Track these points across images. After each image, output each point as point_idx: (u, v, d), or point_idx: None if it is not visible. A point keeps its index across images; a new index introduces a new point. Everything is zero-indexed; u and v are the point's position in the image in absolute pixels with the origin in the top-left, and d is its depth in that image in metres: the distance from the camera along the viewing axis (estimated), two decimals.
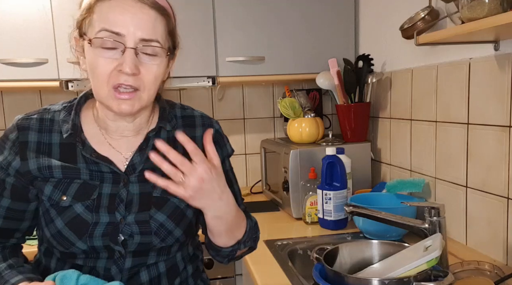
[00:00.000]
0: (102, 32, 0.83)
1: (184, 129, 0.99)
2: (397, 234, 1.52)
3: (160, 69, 0.88)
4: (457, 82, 1.45)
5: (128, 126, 0.95)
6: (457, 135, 1.46)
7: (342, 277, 0.98)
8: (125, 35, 0.83)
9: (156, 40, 0.86)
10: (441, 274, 0.96)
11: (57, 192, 0.90)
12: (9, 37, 1.75)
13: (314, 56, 2.05)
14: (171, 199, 0.94)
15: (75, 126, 0.93)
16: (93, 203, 0.90)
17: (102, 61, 0.84)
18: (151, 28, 0.85)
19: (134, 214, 0.91)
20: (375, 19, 1.98)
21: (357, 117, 1.94)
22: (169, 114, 1.00)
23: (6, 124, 2.13)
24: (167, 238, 0.93)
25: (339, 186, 1.66)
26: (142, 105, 0.89)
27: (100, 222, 0.90)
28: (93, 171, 0.92)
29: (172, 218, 0.93)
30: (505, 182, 1.28)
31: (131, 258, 0.92)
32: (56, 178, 0.91)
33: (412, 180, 1.64)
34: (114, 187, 0.92)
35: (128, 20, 0.83)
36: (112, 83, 0.84)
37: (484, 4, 1.06)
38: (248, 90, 2.38)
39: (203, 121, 1.03)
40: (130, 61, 0.83)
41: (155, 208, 0.93)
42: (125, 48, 0.83)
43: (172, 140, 0.96)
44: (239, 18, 1.97)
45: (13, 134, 0.92)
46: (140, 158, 0.94)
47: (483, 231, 1.38)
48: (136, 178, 0.93)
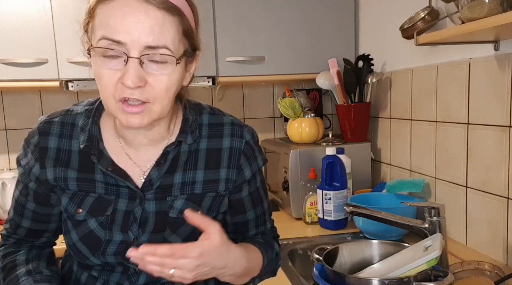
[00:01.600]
0: (103, 41, 0.74)
1: (209, 140, 0.91)
2: (397, 234, 1.52)
3: (172, 79, 0.78)
4: (457, 82, 1.45)
5: (145, 135, 0.87)
6: (457, 135, 1.46)
7: (342, 277, 0.98)
8: (127, 43, 0.73)
9: (165, 46, 0.75)
10: (441, 274, 0.96)
11: (72, 205, 0.87)
12: (9, 37, 1.75)
13: (314, 56, 2.05)
14: None
15: (91, 136, 0.86)
16: (107, 220, 0.86)
17: (105, 73, 0.76)
18: (158, 33, 0.74)
19: (148, 234, 0.87)
20: (375, 19, 1.98)
21: (357, 117, 1.94)
22: (193, 123, 0.90)
23: (6, 124, 2.13)
24: None
25: (339, 186, 1.66)
26: (154, 118, 0.80)
27: (113, 240, 0.86)
28: (110, 184, 0.87)
29: (187, 242, 0.84)
30: (505, 182, 1.28)
31: (145, 275, 0.88)
32: (72, 190, 0.87)
33: (412, 180, 1.64)
34: (129, 204, 0.87)
35: (131, 25, 0.73)
36: (118, 96, 0.76)
37: (484, 4, 1.06)
38: (248, 90, 2.38)
39: (233, 130, 0.92)
40: (132, 73, 0.74)
41: (170, 230, 0.87)
42: (128, 58, 0.74)
43: (194, 153, 0.90)
44: (239, 18, 1.96)
45: (35, 138, 0.88)
46: (158, 173, 0.87)
47: (483, 231, 1.38)
48: (153, 195, 0.87)
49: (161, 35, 0.75)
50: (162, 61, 0.76)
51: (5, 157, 2.14)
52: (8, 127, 2.13)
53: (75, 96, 2.14)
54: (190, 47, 0.83)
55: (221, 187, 0.90)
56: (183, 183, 0.88)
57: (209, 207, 0.90)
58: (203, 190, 0.89)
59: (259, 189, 0.97)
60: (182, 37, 0.79)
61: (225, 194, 0.91)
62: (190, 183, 0.88)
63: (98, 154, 0.86)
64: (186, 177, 0.88)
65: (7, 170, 2.08)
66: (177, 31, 0.78)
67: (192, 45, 0.83)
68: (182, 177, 0.88)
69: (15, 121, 2.14)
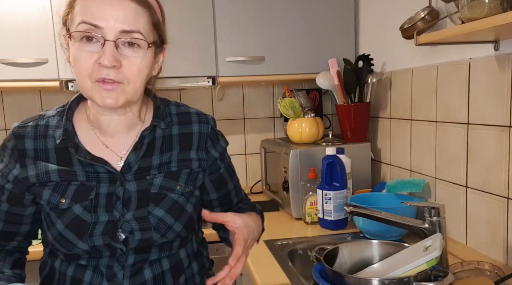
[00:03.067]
0: (82, 25, 0.83)
1: (180, 126, 1.00)
2: (397, 234, 1.52)
3: (144, 61, 0.87)
4: (457, 82, 1.45)
5: (119, 120, 0.94)
6: (457, 135, 1.46)
7: (342, 277, 0.98)
8: (104, 27, 0.82)
9: (138, 31, 0.84)
10: (441, 274, 0.96)
11: (55, 195, 0.91)
12: (9, 37, 1.75)
13: (314, 56, 2.05)
14: (169, 194, 0.95)
15: (67, 131, 0.93)
16: (91, 203, 0.91)
17: (83, 55, 0.84)
18: (131, 20, 0.84)
19: (133, 211, 0.92)
20: (375, 19, 1.98)
21: (357, 117, 1.94)
22: (163, 111, 0.99)
23: (6, 124, 2.13)
24: (167, 233, 0.93)
25: (339, 186, 1.66)
26: (128, 98, 0.88)
27: (99, 221, 0.90)
28: (89, 172, 0.92)
29: (171, 213, 0.94)
30: (505, 182, 1.28)
31: (133, 255, 0.93)
32: (54, 181, 0.91)
33: (412, 180, 1.64)
34: (111, 187, 0.92)
35: (107, 12, 0.82)
36: (94, 77, 0.84)
37: (484, 4, 1.06)
38: (248, 90, 2.38)
39: (199, 118, 1.03)
40: (109, 53, 0.82)
41: (153, 204, 0.93)
42: (105, 41, 0.82)
43: (168, 137, 0.98)
44: (239, 18, 1.96)
45: (10, 142, 0.94)
46: (136, 157, 0.94)
47: (483, 231, 1.38)
48: (133, 176, 0.94)
49: (134, 22, 0.84)
50: (135, 45, 0.85)
51: None
52: (8, 127, 2.14)
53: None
54: (159, 39, 0.92)
55: (194, 164, 0.99)
56: (160, 164, 0.96)
57: (185, 181, 0.98)
58: (179, 167, 0.98)
59: (230, 164, 1.10)
60: (152, 28, 0.89)
61: (198, 171, 1.00)
62: (166, 163, 0.97)
63: (74, 147, 0.92)
64: (163, 158, 0.97)
65: None
66: (148, 21, 0.87)
67: (160, 37, 0.92)
68: (159, 158, 0.96)
69: (15, 121, 2.13)
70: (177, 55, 1.89)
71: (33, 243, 1.05)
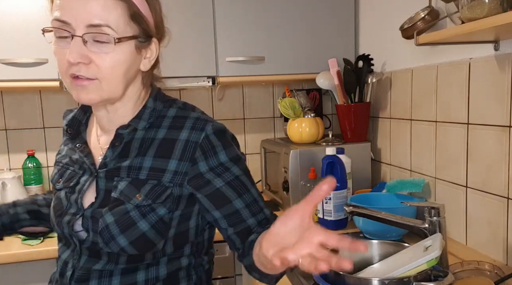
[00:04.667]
0: (54, 21, 0.82)
1: (168, 130, 0.91)
2: (397, 234, 1.52)
3: (116, 57, 0.83)
4: (457, 82, 1.45)
5: (108, 117, 0.94)
6: (457, 135, 1.46)
7: (342, 277, 0.98)
8: (71, 23, 0.80)
9: (107, 25, 0.81)
10: (441, 274, 0.96)
11: (57, 176, 0.99)
12: (9, 37, 1.75)
13: (314, 56, 2.05)
14: (126, 203, 0.87)
15: (74, 119, 1.00)
16: (70, 191, 0.94)
17: (57, 52, 0.84)
18: (100, 13, 0.80)
19: (93, 210, 0.90)
20: (375, 19, 1.98)
21: (357, 117, 1.94)
22: (152, 112, 0.93)
23: (6, 124, 2.13)
24: (110, 243, 0.86)
25: (339, 186, 1.66)
26: (103, 96, 0.85)
27: (69, 210, 0.93)
28: (80, 161, 0.96)
29: (118, 223, 0.86)
30: (505, 182, 1.28)
31: (85, 257, 0.90)
32: (62, 163, 1.00)
33: (412, 180, 1.64)
34: (88, 179, 0.94)
35: (74, 6, 0.80)
36: (69, 73, 0.84)
37: (484, 4, 1.06)
38: (248, 90, 2.38)
39: (194, 124, 0.91)
40: (74, 50, 0.80)
41: (108, 208, 0.88)
42: (72, 37, 0.81)
43: (149, 141, 0.91)
44: (239, 18, 1.96)
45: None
46: (112, 154, 0.92)
47: (483, 231, 1.38)
48: (104, 174, 0.91)
49: (103, 15, 0.80)
50: (103, 41, 0.82)
51: (5, 157, 2.14)
52: (8, 127, 2.13)
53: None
54: (142, 33, 0.86)
55: (166, 177, 0.89)
56: (130, 167, 0.90)
57: (146, 194, 0.88)
58: (147, 176, 0.89)
59: (240, 178, 0.92)
60: (130, 21, 0.84)
61: (168, 186, 0.88)
62: (136, 168, 0.90)
63: (74, 134, 0.99)
64: (134, 162, 0.91)
65: (7, 170, 2.08)
66: (122, 14, 0.82)
67: (144, 31, 0.87)
68: (131, 161, 0.91)
69: (15, 121, 2.14)
70: (177, 55, 1.89)
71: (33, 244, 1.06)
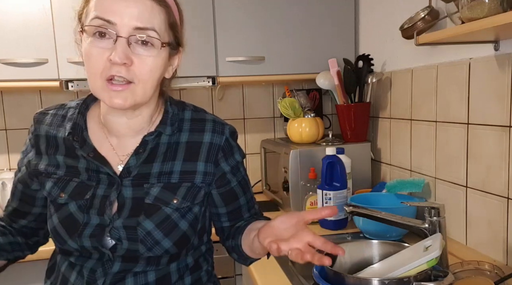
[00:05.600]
0: (95, 19, 0.81)
1: (191, 133, 0.95)
2: (397, 234, 1.52)
3: (157, 61, 0.84)
4: (457, 82, 1.45)
5: (128, 123, 0.92)
6: (457, 135, 1.46)
7: (342, 277, 0.98)
8: (117, 23, 0.80)
9: (152, 29, 0.82)
10: (441, 274, 0.96)
11: (56, 189, 0.92)
12: (9, 37, 1.75)
13: (314, 56, 2.05)
14: (164, 208, 0.90)
15: (75, 125, 0.92)
16: (86, 203, 0.90)
17: (94, 51, 0.81)
18: (146, 17, 0.82)
19: (123, 219, 0.89)
20: (375, 19, 1.98)
21: (357, 117, 1.94)
22: (173, 117, 0.95)
23: (6, 124, 2.13)
24: (154, 248, 0.89)
25: (339, 186, 1.66)
26: (137, 100, 0.85)
27: (90, 223, 0.89)
28: (91, 170, 0.91)
29: (160, 227, 0.89)
30: (505, 182, 1.28)
31: (119, 263, 0.90)
32: (58, 175, 0.92)
33: (412, 180, 1.64)
34: (108, 189, 0.90)
35: (122, 8, 0.80)
36: (105, 75, 0.81)
37: (484, 4, 1.06)
38: (248, 90, 2.38)
39: (214, 126, 0.97)
40: (120, 50, 0.80)
41: (144, 215, 0.89)
42: (117, 37, 0.80)
43: (174, 145, 0.94)
44: (239, 18, 1.96)
45: (32, 127, 0.97)
46: (136, 161, 0.91)
47: (483, 231, 1.38)
48: (130, 182, 0.91)
49: (149, 19, 0.82)
50: (148, 44, 0.83)
51: (5, 157, 2.14)
52: (8, 127, 2.13)
53: (75, 96, 2.14)
54: (174, 41, 0.89)
55: (197, 179, 0.94)
56: (160, 173, 0.92)
57: (183, 196, 0.92)
58: (180, 180, 0.93)
59: (244, 177, 1.03)
60: (168, 28, 0.86)
61: (201, 186, 0.94)
62: (167, 173, 0.92)
63: (81, 141, 0.91)
64: (164, 167, 0.92)
65: (7, 170, 2.09)
66: (164, 20, 0.85)
67: (176, 39, 0.90)
68: (160, 167, 0.92)
69: (15, 121, 2.14)
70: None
71: None
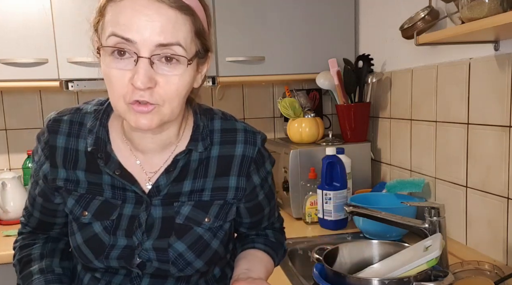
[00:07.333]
0: (112, 37, 0.72)
1: (222, 146, 0.88)
2: (397, 234, 1.52)
3: (183, 79, 0.75)
4: (457, 82, 1.45)
5: (153, 140, 0.85)
6: (457, 135, 1.46)
7: (342, 277, 0.98)
8: (137, 41, 0.71)
9: (178, 43, 0.73)
10: (441, 274, 0.96)
11: (78, 208, 0.86)
12: (9, 37, 1.75)
13: (314, 56, 2.04)
14: (195, 228, 0.86)
15: (98, 139, 0.84)
16: (112, 224, 0.85)
17: (114, 73, 0.73)
18: (170, 30, 0.72)
19: (153, 240, 0.85)
20: (375, 19, 1.98)
21: (357, 117, 1.94)
22: (204, 130, 0.88)
23: (6, 124, 2.13)
24: (186, 269, 0.86)
25: (339, 186, 1.66)
26: (164, 120, 0.77)
27: (117, 245, 0.84)
28: (117, 188, 0.85)
29: (192, 249, 0.85)
30: (505, 182, 1.28)
31: (148, 279, 0.87)
32: (79, 192, 0.86)
33: (412, 180, 1.64)
34: (135, 209, 0.85)
35: (142, 23, 0.70)
36: (128, 100, 0.74)
37: (484, 4, 1.06)
38: (248, 90, 2.38)
39: (246, 137, 0.90)
40: (142, 74, 0.71)
41: (175, 236, 0.85)
42: (138, 58, 0.71)
43: (205, 160, 0.88)
44: (239, 18, 1.96)
45: (45, 135, 0.87)
46: (166, 180, 0.85)
47: (483, 231, 1.38)
48: (160, 201, 0.86)
49: (174, 33, 0.72)
50: (173, 61, 0.74)
51: (5, 157, 2.14)
52: (8, 127, 2.13)
53: (75, 96, 2.14)
54: (202, 48, 0.80)
55: (229, 195, 0.89)
56: (191, 191, 0.87)
57: (216, 215, 0.88)
58: (211, 197, 0.88)
59: (270, 187, 0.98)
60: (194, 37, 0.77)
61: (233, 203, 0.90)
62: (198, 190, 0.87)
63: (105, 157, 0.84)
64: (195, 185, 0.87)
65: (7, 170, 2.08)
66: (190, 30, 0.75)
67: (204, 46, 0.80)
68: (192, 185, 0.87)
69: (15, 121, 2.14)
70: None
71: None
